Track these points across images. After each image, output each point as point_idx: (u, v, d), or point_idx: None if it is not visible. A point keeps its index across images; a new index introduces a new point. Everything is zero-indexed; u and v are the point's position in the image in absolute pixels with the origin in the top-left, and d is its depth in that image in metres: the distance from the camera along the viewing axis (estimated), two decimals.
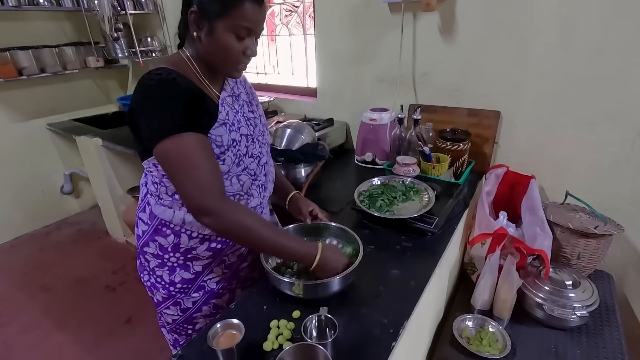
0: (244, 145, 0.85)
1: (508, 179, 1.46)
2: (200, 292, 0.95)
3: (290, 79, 2.22)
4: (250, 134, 0.88)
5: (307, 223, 1.01)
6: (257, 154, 0.91)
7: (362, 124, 1.62)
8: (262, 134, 0.94)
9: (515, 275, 1.10)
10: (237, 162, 0.84)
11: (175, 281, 0.93)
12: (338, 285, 0.81)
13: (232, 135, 0.82)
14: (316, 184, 1.48)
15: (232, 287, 1.01)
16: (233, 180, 0.85)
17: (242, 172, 0.87)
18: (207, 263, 0.93)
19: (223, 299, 1.00)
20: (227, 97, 0.85)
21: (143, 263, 0.96)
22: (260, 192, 0.95)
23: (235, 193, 0.87)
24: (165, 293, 0.95)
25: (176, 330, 1.01)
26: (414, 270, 0.95)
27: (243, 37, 0.76)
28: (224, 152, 0.80)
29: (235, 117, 0.84)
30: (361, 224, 1.17)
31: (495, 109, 1.44)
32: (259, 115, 0.95)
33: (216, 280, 0.96)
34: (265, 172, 0.96)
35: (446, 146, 1.42)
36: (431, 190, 1.18)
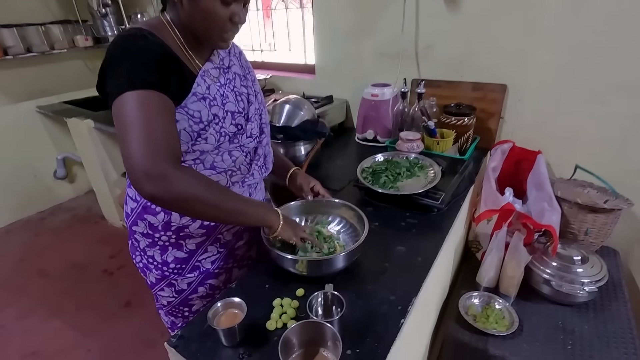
0: (229, 123, 0.78)
1: (514, 154, 1.42)
2: (195, 273, 0.91)
3: (287, 56, 2.14)
4: (239, 111, 0.81)
5: (308, 200, 0.97)
6: (257, 134, 0.85)
7: (363, 100, 1.56)
8: (258, 112, 0.87)
9: (523, 252, 1.07)
10: (230, 139, 0.79)
11: (168, 261, 0.89)
12: (343, 262, 0.78)
13: (214, 111, 0.75)
14: (316, 163, 1.43)
15: (229, 266, 0.97)
16: (225, 156, 0.80)
17: (235, 149, 0.81)
18: (201, 241, 0.89)
19: (220, 279, 0.96)
20: (213, 69, 0.78)
21: (133, 244, 0.92)
22: (263, 172, 0.91)
23: (227, 169, 0.82)
24: (158, 274, 0.91)
25: (172, 312, 0.98)
26: (421, 247, 0.92)
27: (229, 2, 0.68)
28: (205, 128, 0.73)
29: (219, 91, 0.77)
30: (364, 202, 1.13)
31: (501, 82, 1.38)
32: (255, 92, 0.88)
33: (211, 260, 0.92)
34: (265, 151, 0.92)
35: (450, 121, 1.37)
36: (437, 165, 1.14)
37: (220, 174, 0.81)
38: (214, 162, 0.79)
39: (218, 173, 0.81)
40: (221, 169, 0.81)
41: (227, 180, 0.84)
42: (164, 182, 0.61)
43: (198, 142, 0.74)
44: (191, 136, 0.73)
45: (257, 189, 0.95)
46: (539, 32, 1.25)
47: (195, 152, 0.75)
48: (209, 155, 0.78)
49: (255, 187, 0.94)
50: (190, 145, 0.74)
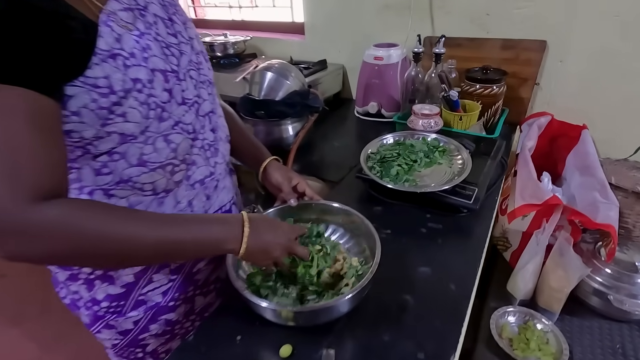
0: (160, 87, 0.51)
1: (551, 129, 1.15)
2: (140, 309, 0.66)
3: (271, 14, 1.80)
4: (171, 69, 0.53)
5: (290, 204, 0.70)
6: (192, 98, 0.58)
7: (364, 65, 1.27)
8: (195, 66, 0.59)
9: (575, 259, 0.83)
10: (158, 115, 0.51)
11: (98, 299, 0.63)
12: (347, 306, 0.53)
13: (134, 73, 0.47)
14: (307, 146, 1.16)
15: (189, 295, 0.72)
16: (159, 144, 0.53)
17: (171, 129, 0.54)
18: (140, 271, 0.63)
19: (178, 311, 0.71)
20: (122, 11, 0.48)
21: (53, 277, 0.66)
22: (208, 156, 0.63)
23: (167, 162, 0.55)
24: (89, 314, 0.65)
25: (122, 354, 0.74)
26: (451, 266, 0.68)
27: None
28: (119, 101, 0.47)
29: (139, 43, 0.49)
30: (369, 198, 0.88)
31: (540, 37, 1.09)
32: (188, 39, 0.59)
33: (162, 291, 0.67)
34: (212, 126, 0.64)
35: (475, 90, 1.09)
36: (464, 149, 0.88)
37: (156, 171, 0.55)
38: (143, 153, 0.52)
39: (152, 170, 0.54)
40: (156, 164, 0.54)
41: (168, 180, 0.57)
42: (24, 238, 0.40)
43: (111, 122, 0.47)
44: (98, 115, 0.46)
45: (218, 188, 0.68)
46: None
47: (110, 137, 0.48)
48: (132, 147, 0.51)
49: (215, 185, 0.66)
50: (99, 127, 0.47)
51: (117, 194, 0.54)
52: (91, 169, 0.50)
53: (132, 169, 0.52)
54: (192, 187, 0.61)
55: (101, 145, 0.48)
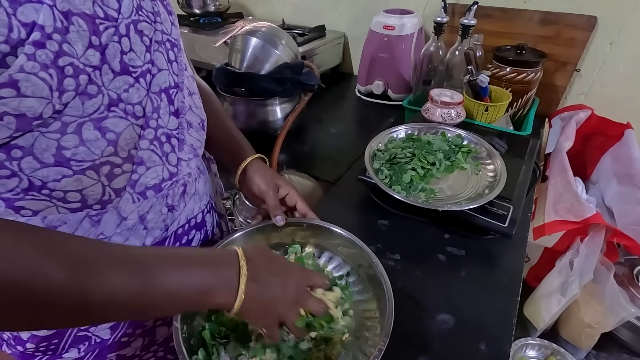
0: (82, 42, 0.31)
1: (588, 126, 0.98)
2: (81, 347, 0.49)
3: None
4: (104, 14, 0.32)
5: (276, 222, 0.52)
6: (144, 65, 0.38)
7: (370, 34, 1.05)
8: (148, 18, 0.38)
9: (618, 296, 0.69)
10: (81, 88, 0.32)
11: (22, 338, 0.47)
12: None
13: (28, 14, 0.27)
14: (297, 131, 0.96)
15: (147, 328, 0.55)
16: (86, 134, 0.34)
17: (107, 110, 0.35)
18: None
19: (133, 346, 0.55)
20: None
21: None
22: (167, 151, 0.43)
23: (101, 161, 0.36)
24: (15, 354, 0.49)
25: None
26: (480, 315, 0.52)
27: None
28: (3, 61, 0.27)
29: None
30: (372, 206, 0.70)
31: (590, 13, 0.89)
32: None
33: (109, 326, 0.50)
34: (176, 108, 0.44)
35: (505, 74, 0.90)
36: (495, 152, 0.70)
37: (85, 173, 0.36)
38: (62, 147, 0.34)
39: (79, 173, 0.35)
40: (85, 163, 0.35)
41: (104, 187, 0.38)
42: None
43: None
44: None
45: (186, 194, 0.48)
46: None
47: (3, 122, 0.29)
48: (40, 136, 0.32)
49: (182, 191, 0.47)
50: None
51: (26, 207, 0.35)
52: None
53: (46, 170, 0.33)
54: (142, 196, 0.42)
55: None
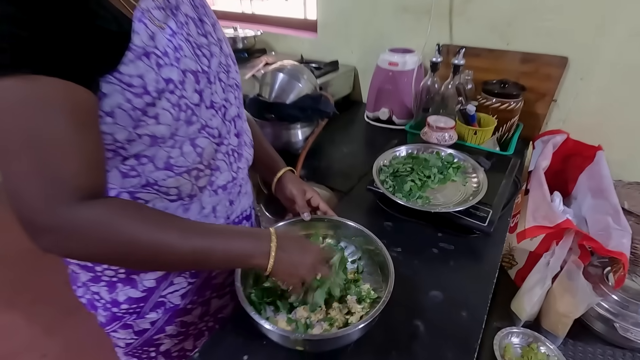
0: (191, 89, 0.49)
1: (565, 148, 1.13)
2: (159, 310, 0.65)
3: (283, 8, 1.75)
4: (202, 70, 0.51)
5: (304, 218, 0.68)
6: (220, 102, 0.56)
7: (377, 69, 1.24)
8: (225, 69, 0.58)
9: (584, 286, 0.82)
10: (187, 118, 0.50)
11: (119, 300, 0.63)
12: (356, 335, 0.51)
13: (166, 73, 0.45)
14: (316, 150, 1.13)
15: (206, 298, 0.71)
16: (186, 148, 0.52)
17: (198, 133, 0.52)
18: (162, 275, 0.62)
19: (194, 314, 0.71)
20: (155, 9, 0.46)
21: (72, 275, 0.65)
22: (231, 162, 0.61)
23: (192, 167, 0.54)
24: (107, 315, 0.65)
25: (134, 354, 0.73)
26: (463, 291, 0.66)
27: None
28: (153, 103, 0.45)
29: (172, 42, 0.46)
30: (379, 211, 0.86)
31: (562, 53, 1.07)
32: (218, 41, 0.57)
33: (181, 294, 0.66)
34: (237, 131, 0.62)
35: (491, 104, 1.07)
36: (479, 167, 0.85)
37: (182, 176, 0.53)
38: (170, 157, 0.51)
39: (178, 175, 0.53)
40: (182, 168, 0.52)
41: (193, 185, 0.55)
42: (61, 236, 0.41)
43: (143, 124, 0.46)
44: (132, 116, 0.44)
45: (240, 194, 0.67)
46: None
47: (141, 140, 0.47)
48: (160, 150, 0.49)
49: (239, 191, 0.65)
50: (132, 129, 0.45)
51: (142, 197, 0.52)
52: (119, 171, 0.49)
53: (159, 172, 0.51)
54: (215, 193, 0.60)
55: (132, 148, 0.47)
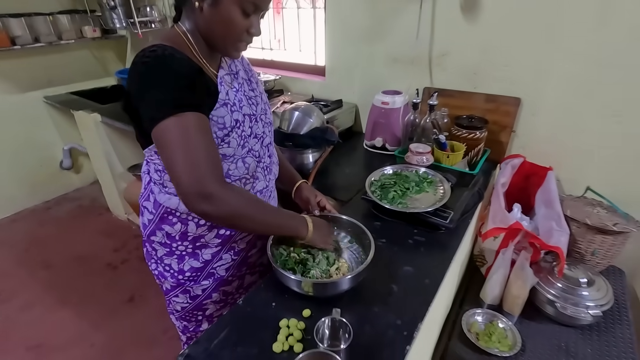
0: (247, 126, 0.80)
1: (524, 169, 1.40)
2: (209, 280, 0.92)
3: (297, 56, 2.11)
4: (252, 113, 0.82)
5: (314, 214, 0.96)
6: (261, 134, 0.86)
7: (373, 107, 1.54)
8: (264, 112, 0.88)
9: (529, 272, 1.07)
10: (242, 143, 0.79)
11: (184, 269, 0.90)
12: (348, 284, 0.77)
13: (235, 116, 0.76)
14: (324, 170, 1.42)
15: (242, 273, 0.98)
16: (239, 164, 0.81)
17: (247, 154, 0.82)
18: (216, 251, 0.90)
19: (232, 285, 0.98)
20: (226, 75, 0.79)
21: (150, 252, 0.93)
22: (266, 174, 0.91)
23: (242, 177, 0.83)
24: (174, 282, 0.92)
25: (186, 317, 0.99)
26: (428, 267, 0.92)
27: (249, 14, 0.70)
28: (228, 134, 0.75)
29: (236, 96, 0.78)
30: (371, 215, 1.13)
31: (516, 95, 1.36)
32: (260, 93, 0.89)
33: (225, 267, 0.94)
34: (269, 154, 0.92)
35: (462, 134, 1.35)
36: (446, 181, 1.13)
37: (235, 181, 0.82)
38: (229, 170, 0.80)
39: (233, 181, 0.82)
40: (236, 177, 0.82)
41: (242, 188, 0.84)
42: (213, 202, 0.66)
43: (222, 146, 0.76)
44: (216, 142, 0.74)
45: (271, 197, 0.96)
46: (559, 43, 1.22)
47: None
48: (225, 163, 0.79)
49: (270, 194, 0.95)
50: None
51: None
52: None
53: None
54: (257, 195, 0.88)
55: None
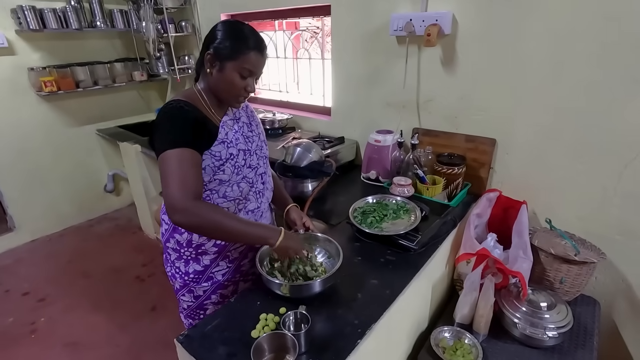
0: (241, 158, 1.04)
1: (501, 202, 1.54)
2: (209, 282, 1.13)
3: (308, 98, 2.40)
4: (248, 149, 1.06)
5: (300, 233, 1.16)
6: (255, 165, 1.10)
7: (367, 144, 1.76)
8: (259, 148, 1.12)
9: (490, 293, 1.19)
10: (237, 172, 1.03)
11: (189, 271, 1.12)
12: (318, 287, 0.96)
13: (230, 150, 1.00)
14: (322, 197, 1.63)
15: (236, 279, 1.19)
16: (234, 187, 1.04)
17: (241, 180, 1.05)
18: (214, 257, 1.12)
19: (228, 289, 1.18)
20: (229, 120, 1.04)
21: (167, 257, 1.17)
22: (258, 197, 1.13)
23: (236, 198, 1.06)
24: (181, 282, 1.14)
25: (190, 315, 1.20)
26: (392, 281, 1.08)
27: (245, 77, 0.96)
28: (223, 164, 0.99)
29: (235, 135, 1.03)
30: (354, 237, 1.31)
31: (491, 136, 1.53)
32: (258, 133, 1.14)
33: (222, 273, 1.15)
34: (263, 181, 1.15)
35: (442, 169, 1.53)
36: (419, 210, 1.30)
37: (230, 201, 1.05)
38: (226, 192, 1.04)
39: (228, 201, 1.05)
40: (231, 197, 1.05)
41: (235, 207, 1.07)
42: (186, 214, 0.86)
43: (218, 173, 1.00)
44: (213, 170, 0.99)
45: (262, 217, 1.17)
46: (524, 94, 1.40)
47: (215, 181, 1.01)
48: (222, 187, 1.02)
49: (261, 214, 1.16)
50: (212, 176, 1.00)
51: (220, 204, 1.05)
52: None
53: (219, 199, 1.04)
54: (247, 213, 1.10)
55: (210, 185, 1.01)
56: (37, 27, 2.41)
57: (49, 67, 2.60)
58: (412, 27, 1.52)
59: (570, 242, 1.31)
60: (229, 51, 0.93)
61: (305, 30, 2.29)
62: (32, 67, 2.56)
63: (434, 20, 1.47)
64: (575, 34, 1.24)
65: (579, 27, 1.23)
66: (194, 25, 2.70)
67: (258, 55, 0.95)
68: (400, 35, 1.62)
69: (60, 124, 2.85)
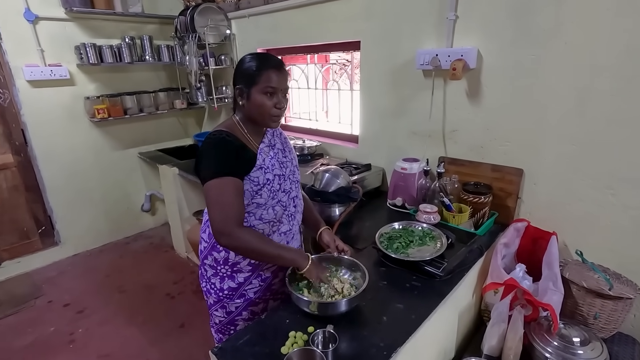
0: (277, 183, 1.12)
1: (530, 233, 1.53)
2: (241, 299, 1.20)
3: (337, 126, 2.50)
4: (282, 174, 1.14)
5: (333, 255, 1.21)
6: (288, 189, 1.17)
7: (394, 171, 1.81)
8: (292, 173, 1.20)
9: (519, 324, 1.18)
10: (272, 195, 1.11)
11: (224, 288, 1.19)
12: (345, 307, 1.00)
13: (267, 176, 1.09)
14: (349, 222, 1.68)
15: (267, 297, 1.24)
16: (269, 211, 1.12)
17: (276, 203, 1.13)
18: (247, 275, 1.18)
19: (259, 307, 1.24)
20: (265, 147, 1.13)
21: (203, 273, 1.25)
22: (290, 220, 1.20)
23: (270, 220, 1.14)
24: (215, 297, 1.21)
25: (221, 330, 1.26)
26: (417, 306, 1.10)
27: (272, 95, 1.06)
28: (261, 188, 1.08)
29: (270, 161, 1.11)
30: (379, 262, 1.34)
31: (518, 166, 1.55)
32: (291, 159, 1.22)
33: (254, 291, 1.21)
34: (294, 204, 1.22)
35: (468, 198, 1.55)
36: (445, 237, 1.33)
37: (265, 223, 1.13)
38: (262, 214, 1.12)
39: (264, 223, 1.13)
40: (266, 220, 1.13)
41: (270, 229, 1.15)
42: (230, 238, 0.99)
43: (256, 197, 1.08)
44: (252, 194, 1.08)
45: (293, 239, 1.23)
46: (549, 126, 1.43)
47: (252, 205, 1.09)
48: (259, 210, 1.10)
49: (292, 236, 1.23)
50: (250, 200, 1.08)
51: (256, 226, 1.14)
52: None
53: (256, 221, 1.12)
54: (279, 235, 1.18)
55: (248, 208, 1.09)
56: (95, 62, 2.70)
57: (102, 96, 2.88)
58: (438, 61, 1.60)
59: (603, 275, 1.28)
60: (250, 79, 1.05)
61: (335, 64, 2.43)
62: (88, 96, 2.84)
63: (460, 55, 1.54)
64: (598, 68, 1.27)
65: (601, 61, 1.26)
66: (232, 58, 2.92)
67: (276, 72, 1.05)
68: (426, 69, 1.71)
69: (107, 148, 3.10)
